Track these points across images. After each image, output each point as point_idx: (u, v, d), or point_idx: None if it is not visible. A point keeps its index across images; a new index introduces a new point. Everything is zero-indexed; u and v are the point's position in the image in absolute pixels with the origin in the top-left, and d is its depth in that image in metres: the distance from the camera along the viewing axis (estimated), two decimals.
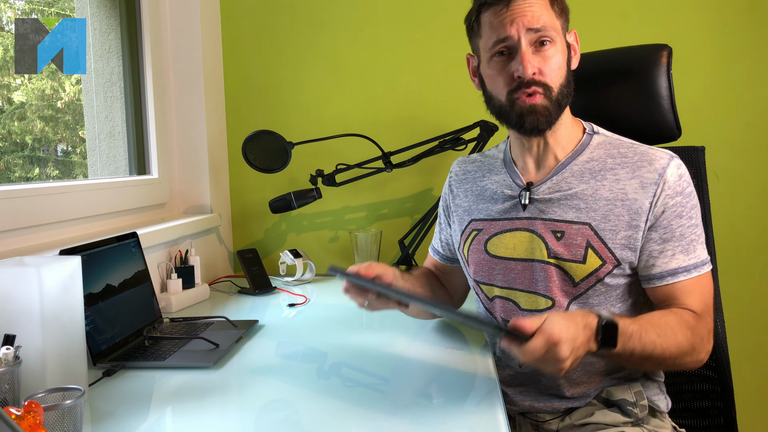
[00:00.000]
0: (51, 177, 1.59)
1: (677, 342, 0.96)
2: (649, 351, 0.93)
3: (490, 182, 1.17)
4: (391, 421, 0.85)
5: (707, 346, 1.01)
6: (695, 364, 1.01)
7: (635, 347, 0.92)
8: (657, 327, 0.95)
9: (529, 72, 1.00)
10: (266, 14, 1.91)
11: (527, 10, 1.01)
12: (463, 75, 1.85)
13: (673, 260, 1.02)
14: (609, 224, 1.02)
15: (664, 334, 0.95)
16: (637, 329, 0.92)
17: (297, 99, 1.92)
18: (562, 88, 1.03)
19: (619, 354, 0.91)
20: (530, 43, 1.01)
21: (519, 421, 1.14)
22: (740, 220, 1.78)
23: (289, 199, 1.72)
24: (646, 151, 1.05)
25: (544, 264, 1.05)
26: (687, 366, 1.01)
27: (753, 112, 1.76)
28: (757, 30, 1.74)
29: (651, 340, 0.93)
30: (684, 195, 1.02)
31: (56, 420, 0.70)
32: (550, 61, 1.02)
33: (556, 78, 1.03)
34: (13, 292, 0.84)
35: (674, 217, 1.01)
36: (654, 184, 1.01)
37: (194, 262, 1.58)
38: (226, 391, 0.97)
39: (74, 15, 1.64)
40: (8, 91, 1.51)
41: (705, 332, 1.00)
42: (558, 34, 1.02)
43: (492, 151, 1.24)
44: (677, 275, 1.01)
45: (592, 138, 1.10)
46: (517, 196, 1.11)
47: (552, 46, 1.02)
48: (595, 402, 1.09)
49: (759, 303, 1.80)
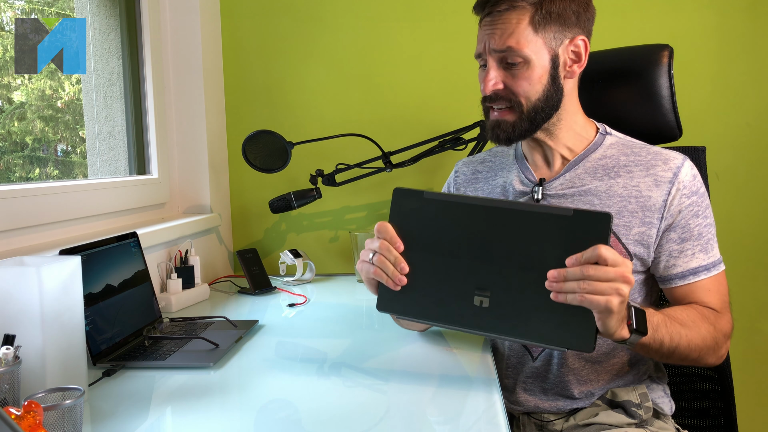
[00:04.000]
0: (51, 177, 1.59)
1: (702, 335, 0.97)
2: (675, 342, 0.94)
3: (503, 179, 1.17)
4: (391, 421, 0.85)
5: (727, 343, 1.03)
6: (717, 360, 1.02)
7: (663, 337, 0.93)
8: (680, 320, 0.97)
9: (488, 90, 1.04)
10: (266, 14, 1.91)
11: (497, 29, 1.01)
12: (463, 75, 1.86)
13: (693, 260, 1.03)
14: (623, 220, 1.03)
15: (688, 327, 0.97)
16: (662, 319, 0.94)
17: (297, 99, 1.92)
18: (536, 103, 1.03)
19: (648, 344, 0.92)
20: (498, 60, 1.03)
21: (523, 421, 1.14)
22: (740, 220, 1.78)
23: (289, 199, 1.72)
24: (659, 151, 1.07)
25: None
26: (708, 362, 1.02)
27: (753, 112, 1.76)
28: (758, 30, 1.74)
29: (677, 332, 0.94)
30: (699, 195, 1.05)
31: (56, 420, 0.70)
32: (520, 79, 1.02)
33: (528, 94, 1.03)
34: (13, 292, 0.84)
35: (691, 216, 1.03)
36: (668, 183, 1.03)
37: (194, 262, 1.58)
38: (226, 391, 0.97)
39: (74, 15, 1.64)
40: (8, 91, 1.51)
41: (726, 328, 1.02)
42: (534, 52, 1.01)
43: (501, 148, 1.24)
44: (698, 274, 1.03)
45: (605, 138, 1.11)
46: (529, 192, 1.11)
47: (521, 66, 1.02)
48: (600, 403, 1.09)
49: (759, 303, 1.80)
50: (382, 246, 0.91)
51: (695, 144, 1.30)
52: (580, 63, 1.06)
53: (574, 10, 1.03)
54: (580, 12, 1.03)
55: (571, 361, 1.07)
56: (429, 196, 0.90)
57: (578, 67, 1.06)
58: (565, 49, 1.04)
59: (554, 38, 1.02)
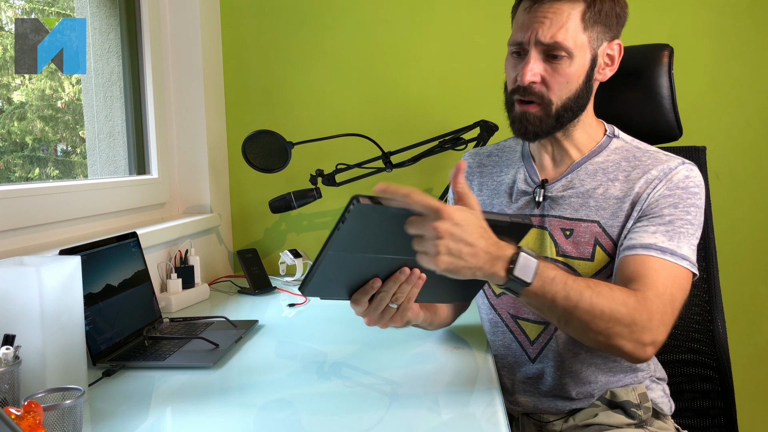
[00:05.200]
0: (51, 177, 1.59)
1: (612, 304, 0.87)
2: (574, 301, 0.86)
3: (508, 177, 1.16)
4: (391, 421, 0.85)
5: (655, 333, 0.90)
6: (633, 346, 0.90)
7: (558, 293, 0.85)
8: (590, 282, 0.89)
9: (526, 80, 1.00)
10: (266, 14, 1.91)
11: (548, 18, 0.97)
12: (463, 75, 1.86)
13: (651, 237, 0.97)
14: (617, 221, 1.03)
15: (597, 291, 0.88)
16: (561, 275, 0.87)
17: (297, 99, 1.92)
18: (567, 101, 1.02)
19: (536, 295, 0.86)
20: (542, 51, 0.99)
21: (522, 422, 1.14)
22: (740, 220, 1.78)
23: (289, 199, 1.72)
24: (660, 158, 1.05)
25: (553, 262, 1.05)
26: (622, 345, 0.89)
27: (753, 112, 1.76)
28: (757, 30, 1.74)
29: (578, 290, 0.87)
30: (687, 191, 1.00)
31: (56, 420, 0.70)
32: (559, 74, 1.00)
33: (561, 92, 1.01)
34: (13, 292, 0.84)
35: (668, 205, 0.99)
36: (657, 180, 1.01)
37: (194, 262, 1.58)
38: (226, 391, 0.97)
39: (74, 15, 1.64)
40: (8, 91, 1.51)
41: (657, 314, 0.90)
42: (579, 48, 0.99)
43: (509, 143, 1.23)
44: (649, 249, 0.95)
45: (611, 141, 1.10)
46: (531, 193, 1.11)
47: (565, 61, 0.99)
48: (599, 403, 1.09)
49: (759, 303, 1.80)
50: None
51: (695, 144, 1.30)
52: (612, 67, 1.05)
53: (617, 13, 1.02)
54: (620, 15, 1.03)
55: (568, 363, 1.07)
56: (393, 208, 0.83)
57: (610, 71, 1.05)
58: (603, 51, 1.03)
59: (597, 38, 1.01)
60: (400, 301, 0.90)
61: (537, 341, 1.09)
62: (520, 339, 1.11)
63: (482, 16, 1.82)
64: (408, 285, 0.88)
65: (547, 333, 1.08)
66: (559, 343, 1.07)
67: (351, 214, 0.78)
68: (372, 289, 0.88)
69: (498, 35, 1.83)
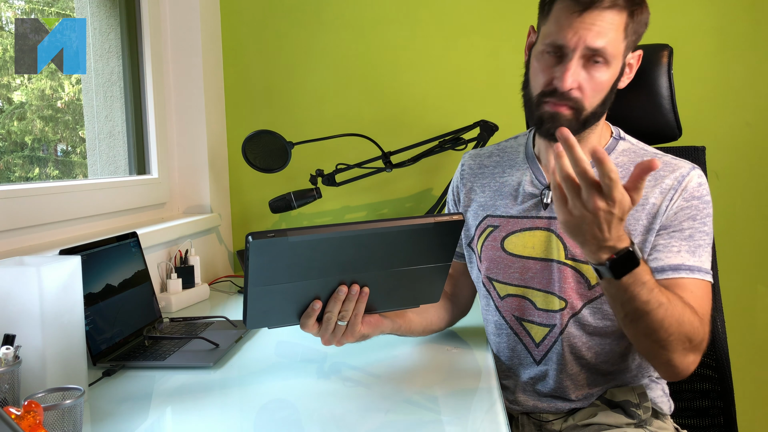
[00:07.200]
0: (51, 177, 1.59)
1: (680, 319, 0.90)
2: (651, 307, 0.88)
3: (511, 178, 1.15)
4: (391, 421, 0.85)
5: (700, 355, 0.96)
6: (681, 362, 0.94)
7: (640, 294, 0.87)
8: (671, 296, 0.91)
9: (567, 86, 0.98)
10: (266, 14, 1.91)
11: (595, 25, 0.96)
12: (463, 75, 1.86)
13: (677, 256, 0.99)
14: (627, 227, 1.02)
15: (674, 305, 0.90)
16: (651, 282, 0.88)
17: (297, 99, 1.92)
18: (596, 107, 1.01)
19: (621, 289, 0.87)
20: (583, 56, 0.98)
21: (522, 421, 1.14)
22: (740, 220, 1.78)
23: (289, 199, 1.72)
24: (669, 161, 1.05)
25: (561, 265, 1.05)
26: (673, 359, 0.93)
27: (753, 111, 1.76)
28: (757, 30, 1.74)
29: (658, 300, 0.88)
30: (701, 200, 1.02)
31: (56, 420, 0.70)
32: (595, 80, 0.98)
33: (594, 98, 1.00)
34: (13, 292, 0.84)
35: (687, 218, 1.01)
36: (672, 190, 1.01)
37: (194, 261, 1.58)
38: (226, 391, 0.97)
39: (74, 15, 1.64)
40: (8, 91, 1.51)
41: (707, 337, 0.95)
42: (615, 57, 0.98)
43: (510, 143, 1.21)
44: (679, 271, 0.99)
45: (618, 143, 1.09)
46: (539, 195, 1.10)
47: (603, 67, 0.98)
48: (599, 403, 1.09)
49: (759, 303, 1.80)
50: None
51: (695, 144, 1.30)
52: (630, 75, 1.05)
53: (646, 23, 1.02)
54: (647, 24, 1.02)
55: (569, 366, 1.07)
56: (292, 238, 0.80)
57: (627, 78, 1.05)
58: (628, 59, 1.03)
59: (627, 47, 1.01)
60: (347, 318, 0.92)
61: (542, 343, 1.09)
62: (525, 341, 1.11)
63: (482, 16, 1.82)
64: (350, 302, 0.90)
65: (552, 335, 1.08)
66: (564, 346, 1.07)
67: (250, 252, 0.78)
68: (314, 311, 0.90)
69: (498, 35, 1.83)
